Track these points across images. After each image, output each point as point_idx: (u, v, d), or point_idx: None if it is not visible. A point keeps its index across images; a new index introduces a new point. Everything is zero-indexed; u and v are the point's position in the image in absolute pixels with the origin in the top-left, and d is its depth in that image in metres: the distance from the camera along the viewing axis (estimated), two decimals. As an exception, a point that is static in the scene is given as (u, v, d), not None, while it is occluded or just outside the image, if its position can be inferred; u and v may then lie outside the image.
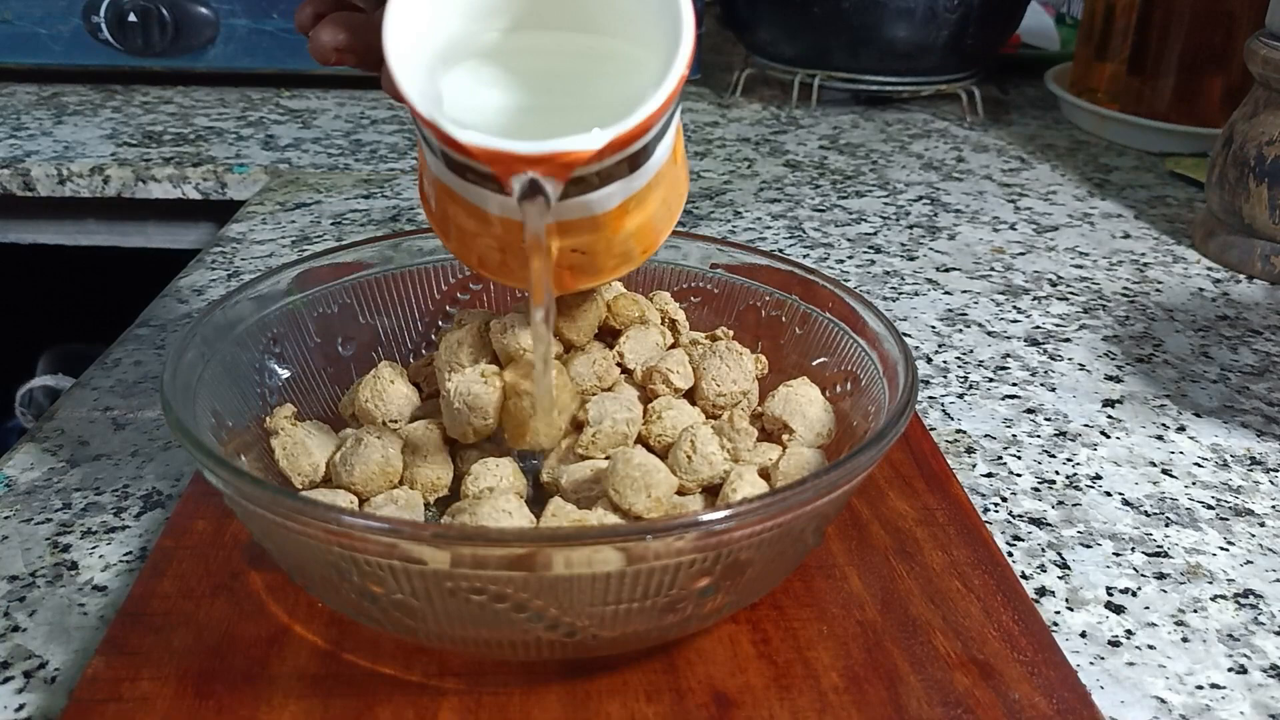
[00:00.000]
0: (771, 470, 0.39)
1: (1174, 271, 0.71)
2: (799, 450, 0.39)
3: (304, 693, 0.34)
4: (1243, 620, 0.40)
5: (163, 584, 0.38)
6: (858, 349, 0.42)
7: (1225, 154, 0.71)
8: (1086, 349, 0.60)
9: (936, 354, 0.59)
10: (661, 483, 0.36)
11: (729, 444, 0.38)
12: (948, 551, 0.41)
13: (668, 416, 0.40)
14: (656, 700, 0.34)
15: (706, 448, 0.38)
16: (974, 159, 0.91)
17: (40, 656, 0.37)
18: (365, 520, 0.30)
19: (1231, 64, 0.88)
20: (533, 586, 0.30)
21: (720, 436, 0.38)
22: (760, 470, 0.39)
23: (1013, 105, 1.07)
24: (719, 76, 1.11)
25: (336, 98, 1.01)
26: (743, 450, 0.39)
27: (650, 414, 0.40)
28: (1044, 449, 0.51)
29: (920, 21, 0.94)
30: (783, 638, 0.36)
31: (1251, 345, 0.61)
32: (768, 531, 0.31)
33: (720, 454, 0.38)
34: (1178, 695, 0.37)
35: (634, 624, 0.32)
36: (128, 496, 0.45)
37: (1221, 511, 0.47)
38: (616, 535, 0.30)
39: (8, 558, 0.41)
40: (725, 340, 0.43)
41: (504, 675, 0.34)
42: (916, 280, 0.68)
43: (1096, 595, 0.41)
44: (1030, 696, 0.34)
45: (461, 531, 0.31)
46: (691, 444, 0.38)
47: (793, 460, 0.39)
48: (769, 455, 0.40)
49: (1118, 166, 0.90)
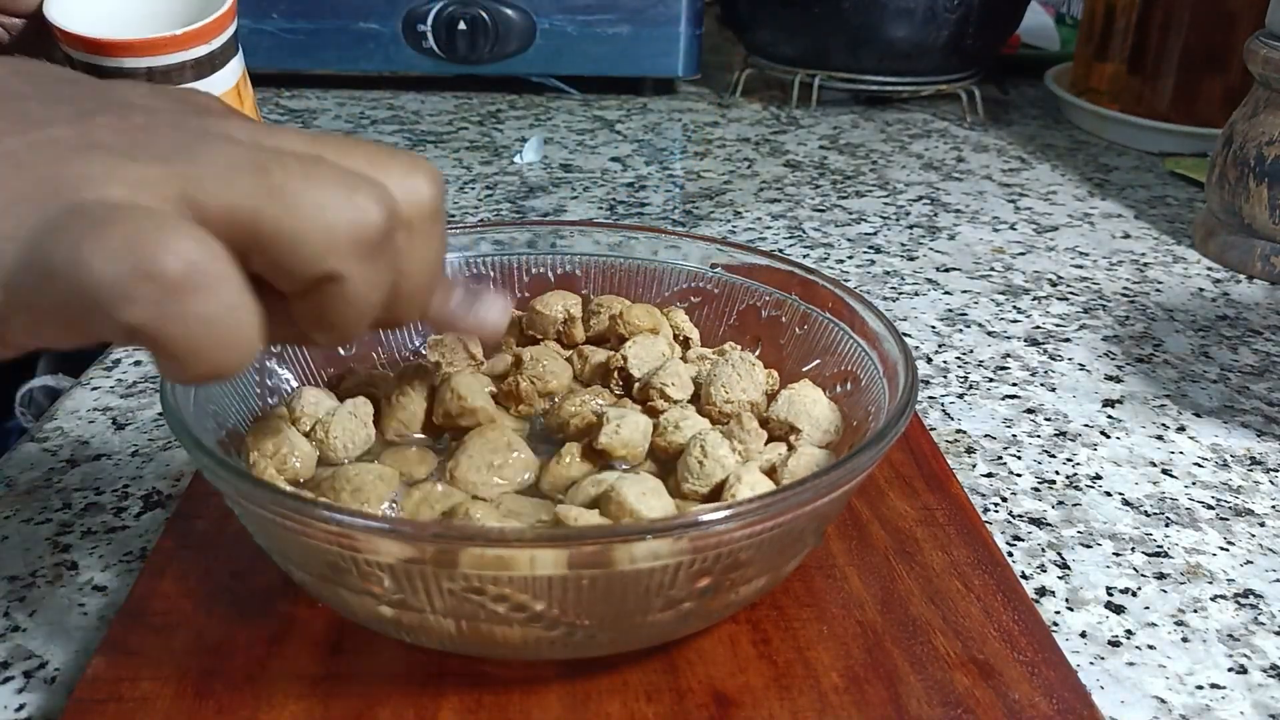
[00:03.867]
0: (779, 468, 0.38)
1: (1174, 271, 0.71)
2: (808, 450, 0.39)
3: (304, 693, 0.34)
4: (1243, 620, 0.40)
5: (163, 584, 0.38)
6: (858, 349, 0.42)
7: (1225, 154, 0.71)
8: (1086, 349, 0.60)
9: (936, 354, 0.59)
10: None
11: (740, 445, 0.38)
12: (948, 551, 0.41)
13: (685, 426, 0.39)
14: (656, 700, 0.34)
15: (717, 450, 0.37)
16: (974, 159, 0.91)
17: (40, 656, 0.37)
18: (365, 520, 0.30)
19: (1232, 64, 0.88)
20: (533, 586, 0.30)
21: (731, 440, 0.38)
22: (768, 469, 0.38)
23: (1013, 105, 1.07)
24: (719, 76, 1.11)
25: (336, 98, 1.01)
26: (754, 451, 0.39)
27: (664, 426, 0.40)
28: (1044, 449, 0.51)
29: (920, 21, 0.94)
30: (783, 638, 0.36)
31: (1251, 345, 0.61)
32: (767, 532, 0.31)
33: (732, 457, 0.38)
34: (1178, 695, 0.37)
35: (634, 624, 0.32)
36: (128, 496, 0.45)
37: (1221, 511, 0.47)
38: (616, 535, 0.30)
39: (8, 558, 0.41)
40: (738, 351, 0.43)
41: (504, 675, 0.34)
42: (916, 280, 0.68)
43: (1096, 595, 0.41)
44: (1030, 696, 0.34)
45: (461, 531, 0.31)
46: (702, 449, 0.37)
47: (802, 459, 0.38)
48: (777, 454, 0.40)
49: (1118, 167, 0.90)
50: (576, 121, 0.97)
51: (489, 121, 0.96)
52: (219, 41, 0.44)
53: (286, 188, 0.25)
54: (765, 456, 0.39)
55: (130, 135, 0.26)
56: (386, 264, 0.27)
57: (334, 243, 0.26)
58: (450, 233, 0.47)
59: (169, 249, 0.23)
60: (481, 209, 0.77)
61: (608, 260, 0.48)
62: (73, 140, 0.26)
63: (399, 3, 0.96)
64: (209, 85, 0.44)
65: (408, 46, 0.97)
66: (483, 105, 1.00)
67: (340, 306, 0.27)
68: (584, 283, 0.48)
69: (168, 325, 0.24)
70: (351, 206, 0.26)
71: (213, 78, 0.44)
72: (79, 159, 0.25)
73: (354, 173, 0.27)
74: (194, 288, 0.24)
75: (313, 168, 0.26)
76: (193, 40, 0.43)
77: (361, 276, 0.26)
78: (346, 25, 0.97)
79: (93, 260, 0.23)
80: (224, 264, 0.24)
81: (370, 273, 0.27)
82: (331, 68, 1.00)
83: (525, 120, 0.97)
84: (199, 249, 0.24)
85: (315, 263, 0.26)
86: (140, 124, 0.27)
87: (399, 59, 0.98)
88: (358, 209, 0.26)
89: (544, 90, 1.04)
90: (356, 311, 0.27)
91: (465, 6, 0.95)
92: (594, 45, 0.98)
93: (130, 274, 0.23)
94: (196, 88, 0.44)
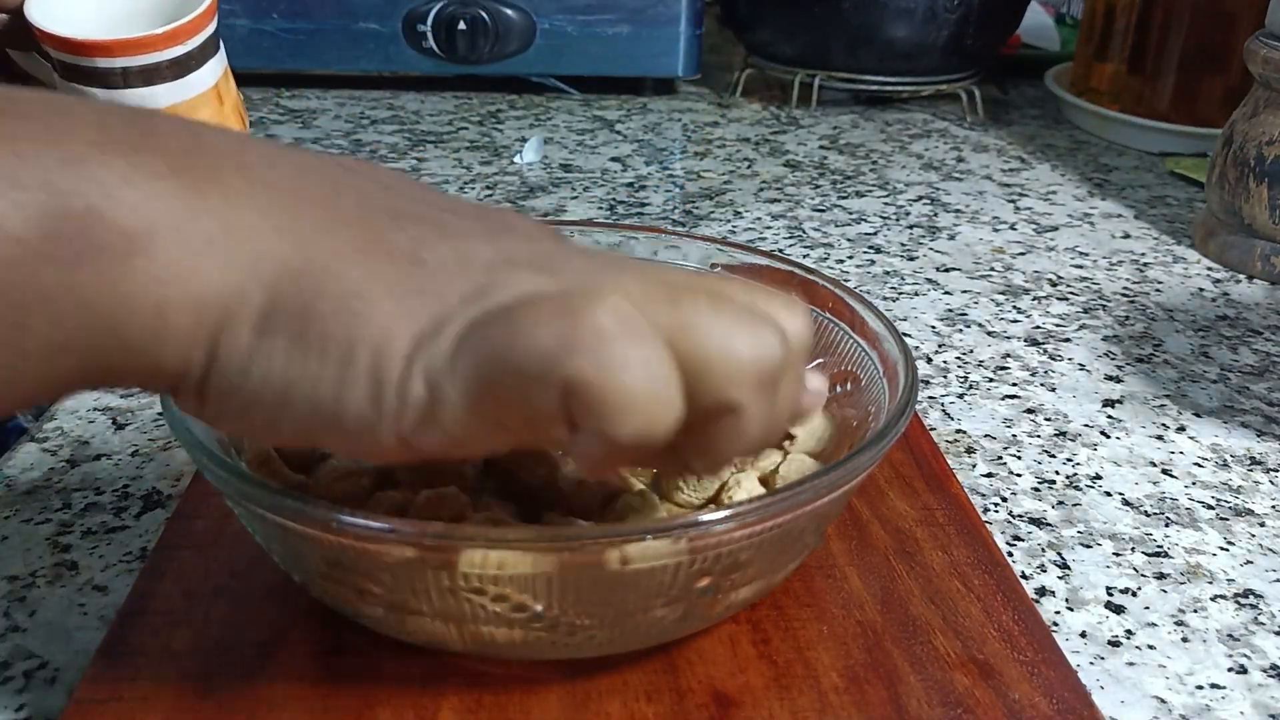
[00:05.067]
0: (770, 477, 0.39)
1: (1174, 271, 0.71)
2: (798, 457, 0.39)
3: (304, 693, 0.34)
4: (1243, 620, 0.40)
5: (163, 584, 0.38)
6: (858, 349, 0.42)
7: (1225, 154, 0.71)
8: (1086, 349, 0.60)
9: (936, 354, 0.59)
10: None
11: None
12: (947, 552, 0.41)
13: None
14: (656, 700, 0.34)
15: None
16: (974, 159, 0.91)
17: (40, 657, 0.37)
18: (365, 521, 0.30)
19: (1231, 64, 0.88)
20: (533, 586, 0.30)
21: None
22: (762, 478, 0.39)
23: (1013, 105, 1.07)
24: (719, 76, 1.11)
25: (336, 98, 1.01)
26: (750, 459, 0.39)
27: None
28: (1044, 449, 0.51)
29: (920, 21, 0.94)
30: (783, 638, 0.36)
31: (1251, 345, 0.61)
32: (768, 532, 0.31)
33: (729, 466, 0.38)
34: (1178, 695, 0.37)
35: (634, 624, 0.32)
36: (128, 496, 0.45)
37: (1221, 511, 0.47)
38: (617, 536, 0.30)
39: (8, 558, 0.41)
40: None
41: (503, 675, 0.34)
42: (916, 280, 0.68)
43: (1096, 595, 0.41)
44: (1030, 696, 0.34)
45: (461, 532, 0.31)
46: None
47: (793, 465, 0.39)
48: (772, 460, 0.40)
49: (1118, 166, 0.90)
50: (576, 121, 0.97)
51: (489, 121, 0.96)
52: (196, 41, 0.44)
53: (697, 318, 0.26)
54: (760, 464, 0.39)
55: (542, 258, 0.28)
56: (776, 399, 0.27)
57: (740, 374, 0.26)
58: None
59: (601, 304, 0.25)
60: (481, 209, 0.77)
61: (608, 260, 0.48)
62: (491, 257, 0.27)
63: (399, 3, 0.96)
64: (186, 85, 0.44)
65: (408, 46, 0.97)
66: (483, 105, 1.00)
67: (729, 437, 0.27)
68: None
69: (609, 370, 0.24)
70: (758, 341, 0.26)
71: (190, 78, 0.44)
72: (502, 272, 0.27)
73: (752, 310, 0.27)
74: (629, 334, 0.24)
75: (718, 301, 0.26)
76: (169, 40, 0.43)
77: (757, 409, 0.26)
78: (346, 25, 0.97)
79: (531, 328, 0.24)
80: (649, 324, 0.25)
81: (765, 406, 0.27)
82: (331, 68, 1.00)
83: (525, 120, 0.97)
84: (627, 305, 0.25)
85: (719, 392, 0.26)
86: (547, 249, 0.29)
87: (399, 59, 0.98)
88: (764, 343, 0.26)
89: (544, 90, 1.04)
90: (743, 443, 0.27)
91: (465, 6, 0.95)
92: (594, 45, 0.98)
93: (568, 329, 0.24)
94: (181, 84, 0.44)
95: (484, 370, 0.25)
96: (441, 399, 0.25)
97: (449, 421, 0.25)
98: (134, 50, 0.42)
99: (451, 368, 0.25)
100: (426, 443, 0.26)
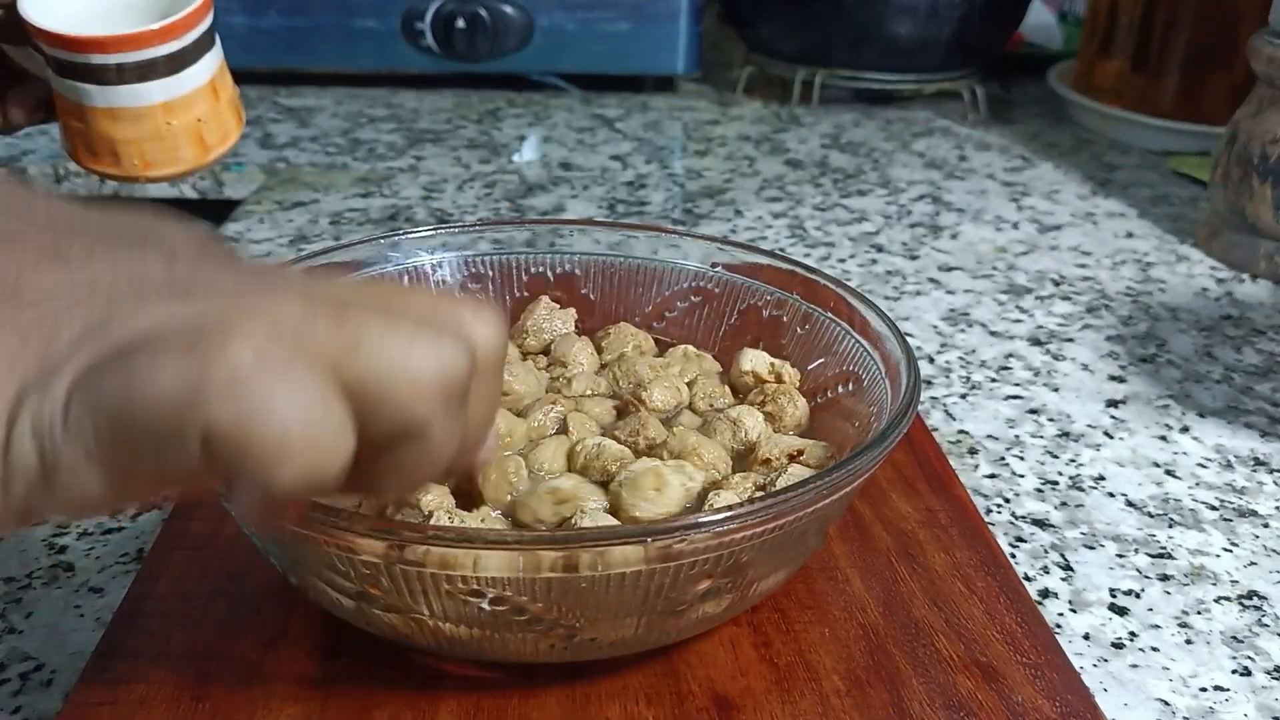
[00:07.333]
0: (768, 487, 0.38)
1: (1177, 271, 0.71)
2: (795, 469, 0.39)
3: (301, 695, 0.33)
4: (1247, 622, 0.40)
5: (159, 586, 0.38)
6: (859, 349, 0.41)
7: (1229, 152, 0.71)
8: (1090, 349, 0.60)
9: (939, 354, 0.59)
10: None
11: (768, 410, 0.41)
12: (950, 553, 0.41)
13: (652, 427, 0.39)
14: (657, 703, 0.34)
15: (746, 419, 0.40)
16: (976, 157, 0.91)
17: (36, 659, 0.36)
18: (364, 522, 0.29)
19: (1235, 62, 0.87)
20: (532, 589, 0.30)
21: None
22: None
23: (1015, 103, 1.06)
24: (720, 75, 1.10)
25: (334, 96, 1.00)
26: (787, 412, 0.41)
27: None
28: (1047, 450, 0.51)
29: (922, 18, 0.94)
30: (784, 640, 0.36)
31: (1256, 345, 0.61)
32: (769, 533, 0.31)
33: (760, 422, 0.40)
34: (1182, 697, 0.36)
35: (634, 626, 0.32)
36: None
37: (1225, 513, 0.46)
38: (618, 537, 0.30)
39: (3, 559, 0.41)
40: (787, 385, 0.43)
41: (503, 678, 0.34)
42: (919, 280, 0.68)
43: (1100, 597, 0.41)
44: (1034, 699, 0.34)
45: (461, 533, 0.31)
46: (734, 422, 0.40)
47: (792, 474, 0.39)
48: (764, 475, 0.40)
49: (1121, 165, 0.90)
50: (576, 119, 0.97)
51: (488, 119, 0.96)
52: (191, 37, 0.44)
53: (367, 335, 0.23)
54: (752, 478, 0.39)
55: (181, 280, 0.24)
56: (465, 412, 0.25)
57: (419, 391, 0.23)
58: (449, 232, 0.47)
59: (237, 338, 0.21)
60: (480, 208, 0.77)
61: (607, 260, 0.48)
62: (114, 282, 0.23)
63: (397, 0, 0.95)
64: (181, 80, 0.44)
65: (406, 44, 0.97)
66: (481, 103, 1.00)
67: (417, 460, 0.25)
68: (583, 282, 0.48)
69: (251, 418, 0.21)
70: (437, 354, 0.24)
71: (184, 73, 0.44)
72: (127, 302, 0.23)
73: (431, 321, 0.24)
74: (271, 370, 0.21)
75: (390, 315, 0.24)
76: (164, 36, 0.42)
77: (444, 427, 0.24)
78: (344, 23, 0.96)
79: (154, 374, 0.21)
80: (303, 352, 0.22)
81: (452, 423, 0.25)
82: (329, 65, 1.00)
83: (524, 118, 0.96)
84: (266, 341, 0.22)
85: (399, 414, 0.23)
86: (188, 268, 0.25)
87: (397, 57, 0.98)
88: (444, 356, 0.24)
89: (543, 88, 1.04)
90: (433, 461, 0.25)
91: (464, 4, 0.95)
92: (593, 43, 0.98)
93: (198, 372, 0.21)
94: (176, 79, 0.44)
95: (104, 425, 0.22)
96: (58, 462, 0.22)
97: (74, 485, 0.22)
98: (128, 46, 0.42)
99: (65, 424, 0.22)
100: (52, 508, 0.23)
